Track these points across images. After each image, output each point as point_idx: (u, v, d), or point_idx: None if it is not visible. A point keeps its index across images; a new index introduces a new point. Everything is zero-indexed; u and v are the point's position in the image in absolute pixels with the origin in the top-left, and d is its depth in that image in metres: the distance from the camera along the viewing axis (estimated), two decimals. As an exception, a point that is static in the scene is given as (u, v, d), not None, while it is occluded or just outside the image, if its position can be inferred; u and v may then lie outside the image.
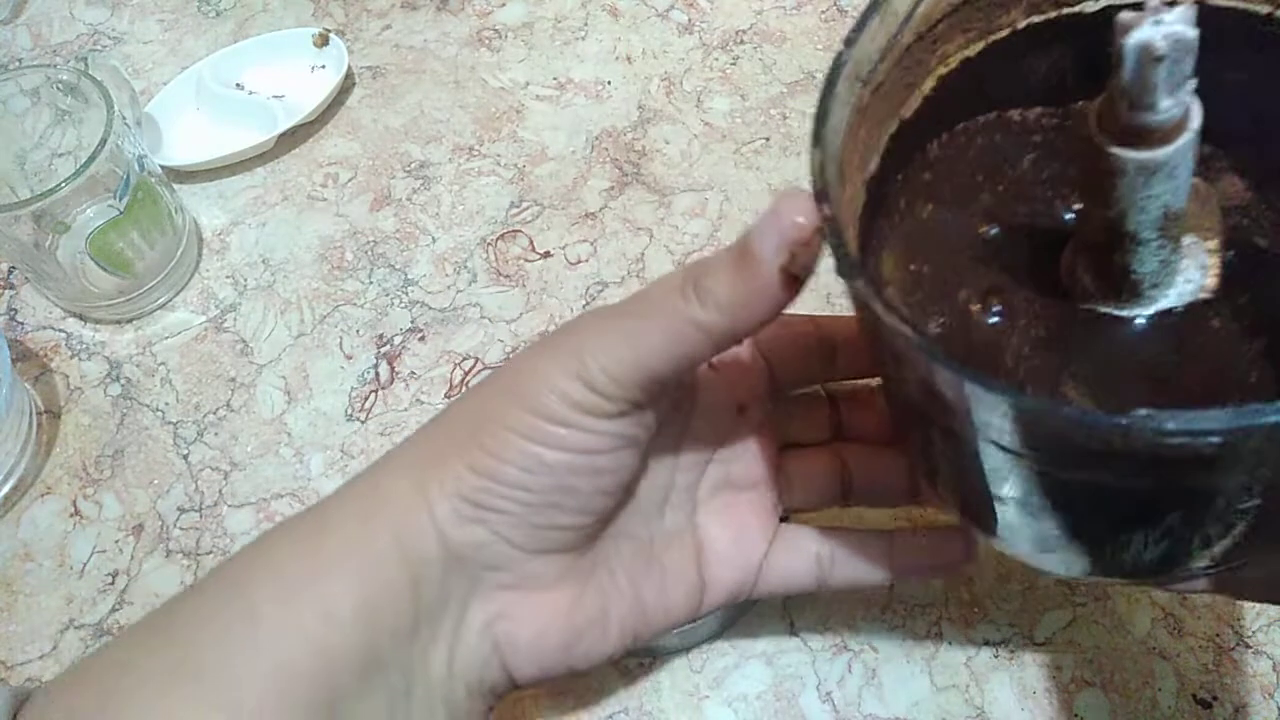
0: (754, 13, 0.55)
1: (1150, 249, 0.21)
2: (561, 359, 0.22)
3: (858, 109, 0.22)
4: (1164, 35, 0.17)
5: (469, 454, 0.23)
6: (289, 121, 0.50)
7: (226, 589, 0.23)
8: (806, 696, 0.35)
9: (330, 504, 0.24)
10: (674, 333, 0.22)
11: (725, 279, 0.21)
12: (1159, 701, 0.35)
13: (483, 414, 0.23)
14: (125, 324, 0.46)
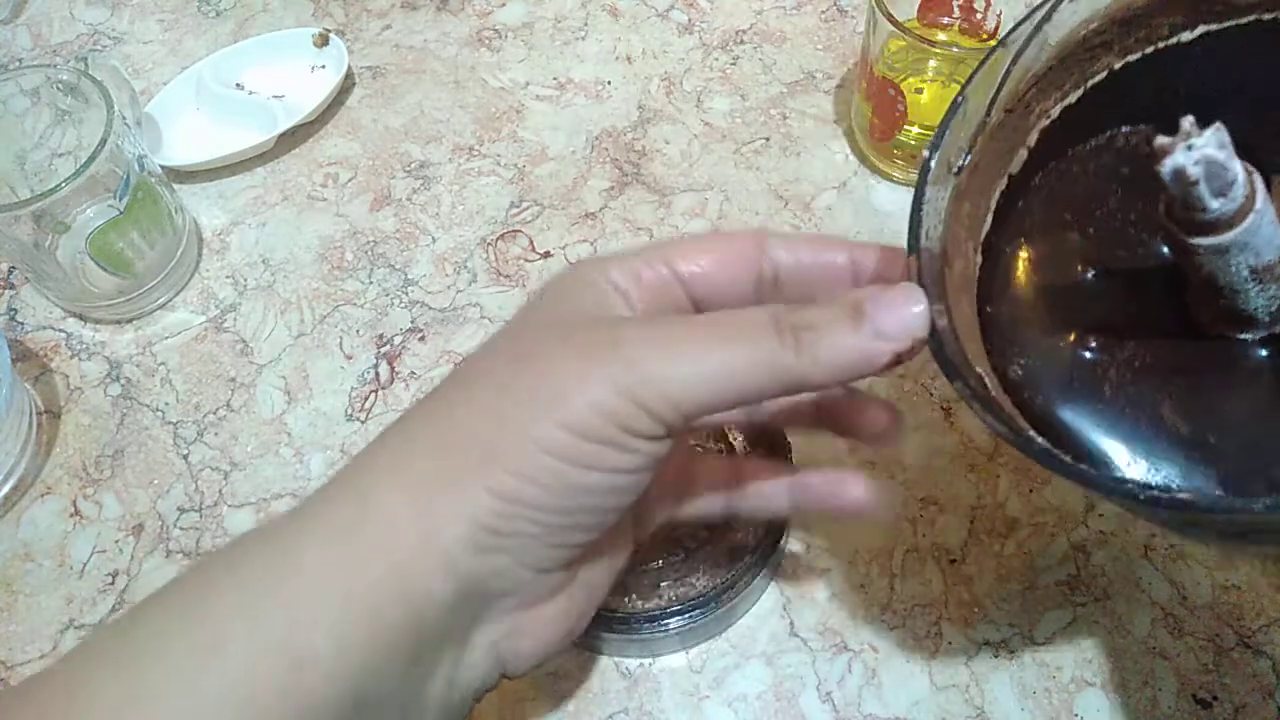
0: (754, 13, 0.55)
1: (1251, 294, 0.22)
2: (611, 371, 0.20)
3: (956, 194, 0.24)
4: (1195, 160, 0.18)
5: (488, 474, 0.20)
6: (289, 121, 0.50)
7: (192, 606, 0.20)
8: (806, 696, 0.35)
9: (308, 517, 0.21)
10: (760, 372, 0.21)
11: (835, 340, 0.21)
12: (1159, 701, 0.35)
13: (501, 425, 0.21)
14: (125, 324, 0.46)
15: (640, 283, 0.24)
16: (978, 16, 0.47)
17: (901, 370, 0.42)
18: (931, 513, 0.39)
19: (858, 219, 0.47)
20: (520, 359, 0.22)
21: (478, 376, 0.22)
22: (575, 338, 0.22)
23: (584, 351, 0.21)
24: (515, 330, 0.24)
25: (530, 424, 0.20)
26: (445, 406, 0.22)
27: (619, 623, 0.34)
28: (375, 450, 0.22)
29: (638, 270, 0.24)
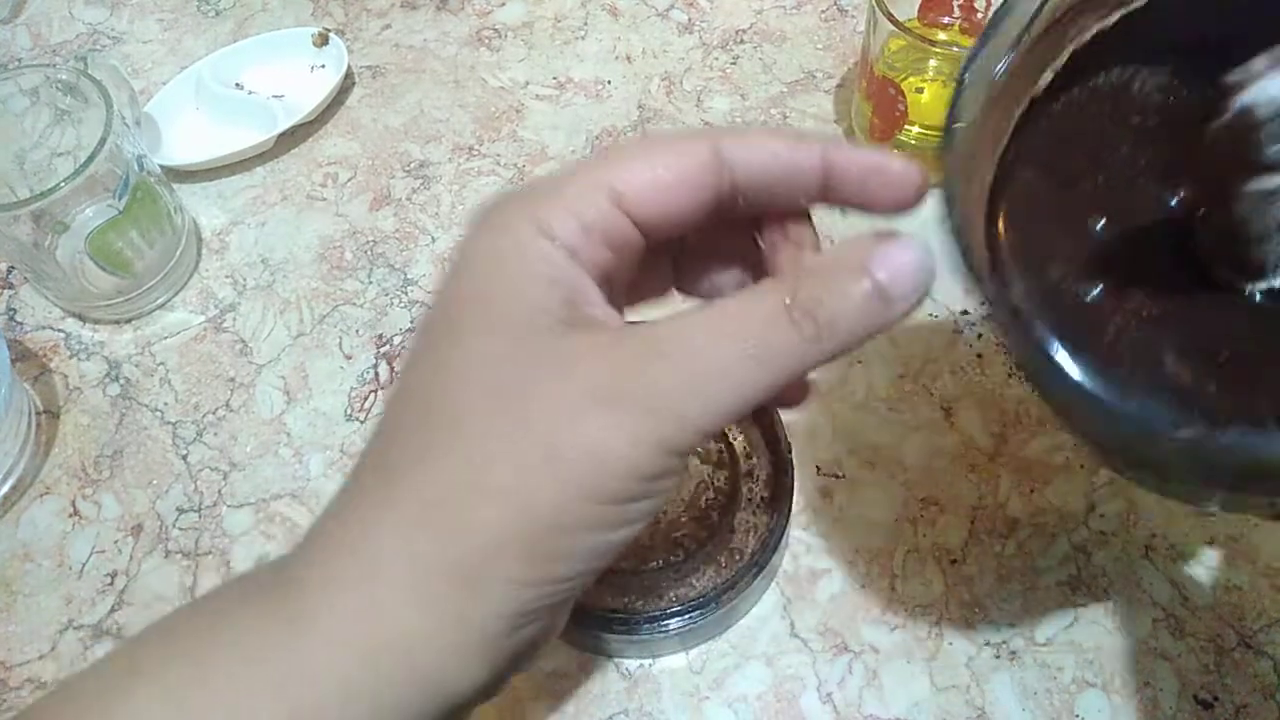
0: (754, 12, 0.55)
1: (1275, 243, 0.22)
2: (639, 424, 0.18)
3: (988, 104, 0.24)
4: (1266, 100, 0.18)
5: (514, 568, 0.18)
6: (288, 121, 0.49)
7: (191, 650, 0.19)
8: (807, 697, 0.35)
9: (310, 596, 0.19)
10: (784, 373, 0.19)
11: (851, 315, 0.19)
12: (1160, 702, 0.35)
13: (524, 510, 0.18)
14: (124, 324, 0.46)
15: (585, 229, 0.20)
16: (978, 16, 0.47)
17: (902, 371, 0.42)
18: (932, 513, 0.39)
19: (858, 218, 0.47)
20: (517, 410, 0.19)
21: (460, 421, 0.19)
22: (579, 378, 0.19)
23: (599, 405, 0.18)
24: (472, 343, 0.20)
25: (560, 508, 0.18)
26: (442, 464, 0.19)
27: (619, 623, 0.34)
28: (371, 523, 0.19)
29: (578, 212, 0.20)
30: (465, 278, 0.20)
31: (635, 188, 0.20)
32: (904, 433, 0.41)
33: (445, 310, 0.21)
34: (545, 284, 0.20)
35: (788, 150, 0.21)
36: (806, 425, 0.41)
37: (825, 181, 0.21)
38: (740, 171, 0.21)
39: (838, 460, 0.40)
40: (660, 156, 0.21)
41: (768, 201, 0.22)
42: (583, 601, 0.35)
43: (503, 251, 0.20)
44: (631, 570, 0.35)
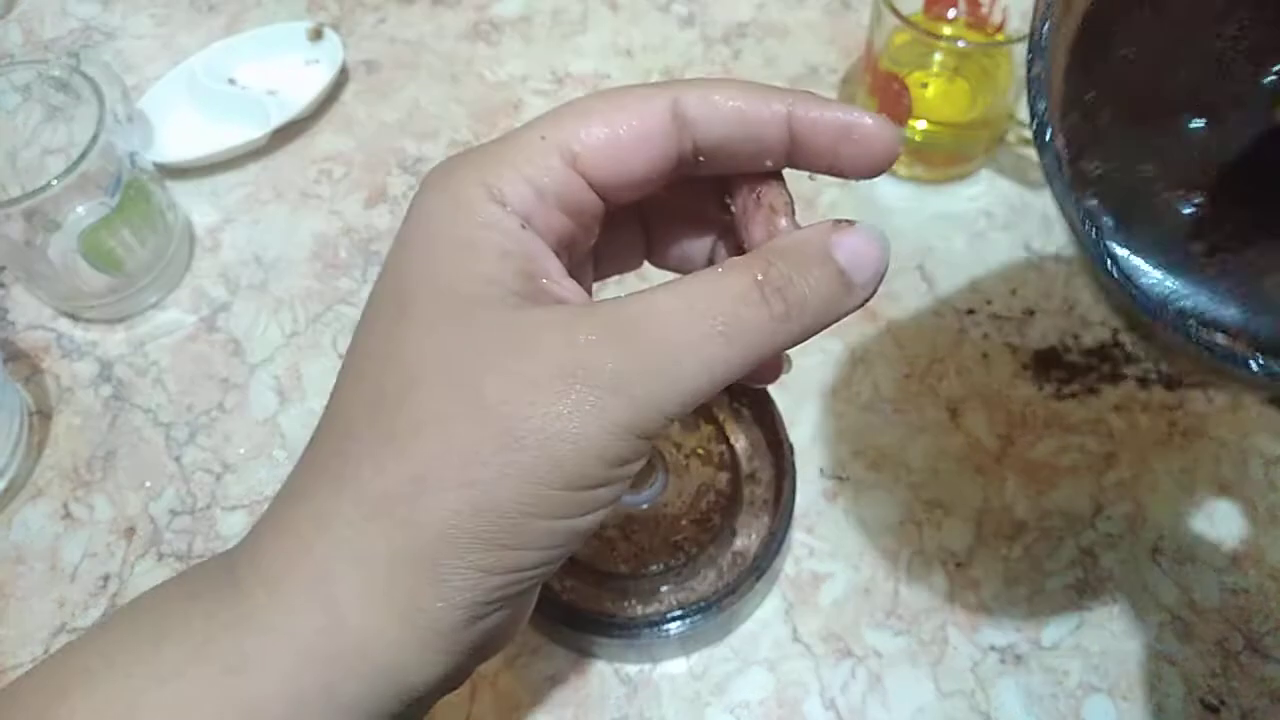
0: (756, 6, 0.54)
1: None
2: (602, 407, 0.17)
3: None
4: None
5: (473, 557, 0.18)
6: (282, 117, 0.49)
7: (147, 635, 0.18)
8: (810, 703, 0.35)
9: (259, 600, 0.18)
10: (755, 355, 0.19)
11: (821, 299, 0.19)
12: (1166, 706, 0.35)
13: (482, 498, 0.17)
14: (116, 323, 0.45)
15: (538, 193, 0.19)
16: (983, 10, 0.46)
17: (907, 371, 0.42)
18: (937, 516, 0.38)
19: (861, 215, 0.46)
20: (471, 393, 0.18)
21: (412, 407, 0.18)
22: (538, 357, 0.18)
23: (560, 386, 0.17)
24: (421, 321, 0.19)
25: (523, 496, 0.17)
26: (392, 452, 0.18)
27: (619, 628, 0.33)
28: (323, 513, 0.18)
29: (530, 175, 0.19)
30: (413, 249, 0.19)
31: (590, 147, 0.19)
32: (909, 434, 0.40)
33: (393, 285, 0.19)
34: (497, 255, 0.19)
35: (750, 106, 0.20)
36: (810, 427, 0.41)
37: (792, 143, 0.20)
38: (701, 130, 0.20)
39: (841, 462, 0.40)
40: (616, 114, 0.19)
41: (731, 164, 0.21)
42: (582, 605, 0.34)
43: (451, 220, 0.19)
44: (631, 574, 0.35)
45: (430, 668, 0.18)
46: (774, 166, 0.21)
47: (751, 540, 0.36)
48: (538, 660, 0.36)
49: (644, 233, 0.24)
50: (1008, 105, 0.44)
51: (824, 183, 0.48)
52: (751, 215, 0.21)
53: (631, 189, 0.20)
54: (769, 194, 0.21)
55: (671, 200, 0.23)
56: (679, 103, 0.19)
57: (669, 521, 0.36)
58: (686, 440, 0.37)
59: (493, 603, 0.18)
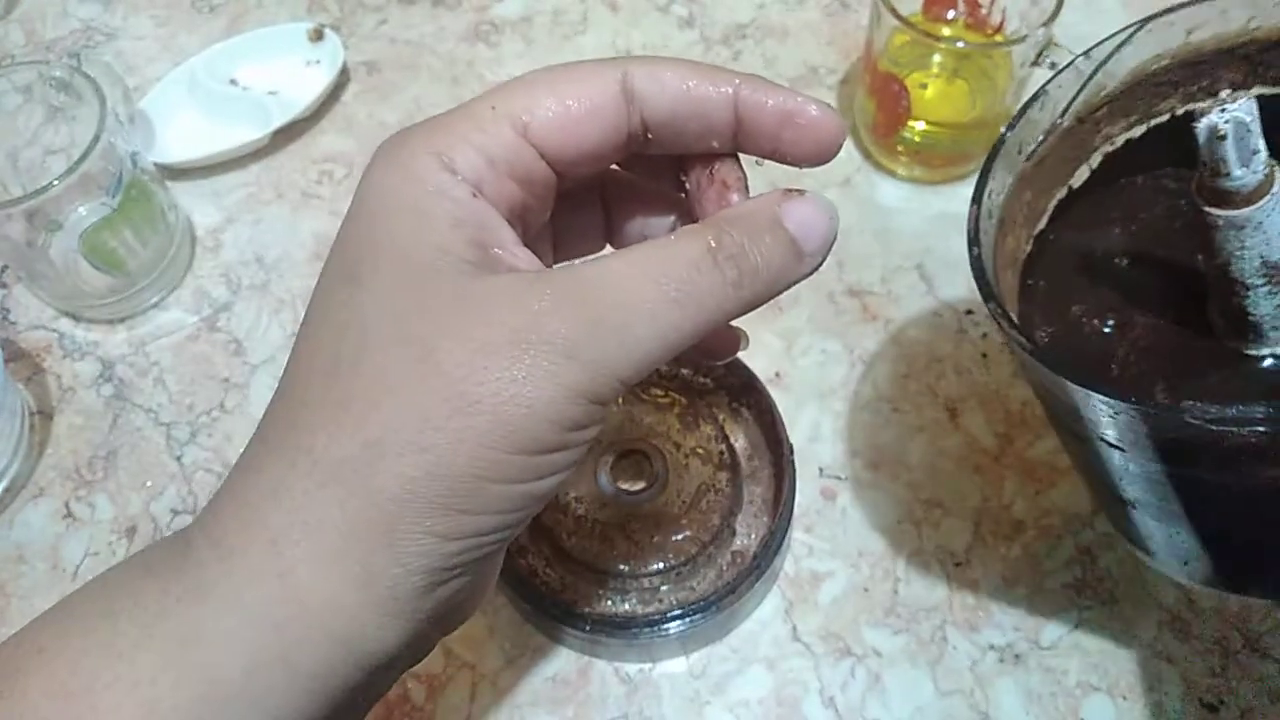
0: (756, 6, 0.54)
1: (1261, 294, 0.24)
2: (556, 371, 0.17)
3: (1020, 177, 0.27)
4: (1227, 120, 0.21)
5: (428, 522, 0.18)
6: (283, 118, 0.49)
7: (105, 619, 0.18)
8: (809, 702, 0.35)
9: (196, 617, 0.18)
10: (709, 320, 0.19)
11: (774, 267, 0.19)
12: (1165, 706, 0.35)
13: (437, 464, 0.17)
14: (118, 323, 0.45)
15: (489, 161, 0.19)
16: (983, 11, 0.46)
17: (905, 371, 0.42)
18: (936, 515, 0.39)
19: (861, 215, 0.46)
20: (425, 358, 0.18)
21: (367, 374, 0.18)
22: (492, 323, 0.18)
23: (514, 350, 0.17)
24: (373, 290, 0.18)
25: (476, 459, 0.17)
26: (347, 419, 0.18)
27: (619, 627, 0.33)
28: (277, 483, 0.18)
29: (480, 144, 0.19)
30: (364, 218, 0.19)
31: (540, 118, 0.19)
32: (908, 434, 0.40)
33: (345, 253, 0.19)
34: (449, 223, 0.19)
35: (697, 85, 0.20)
36: (809, 426, 0.41)
37: (738, 125, 0.20)
38: (649, 106, 0.20)
39: (841, 462, 0.40)
40: (566, 85, 0.20)
41: (680, 143, 0.21)
42: (582, 605, 0.34)
43: (401, 189, 0.19)
44: (631, 573, 0.35)
45: (389, 635, 0.18)
46: (720, 148, 0.21)
47: (751, 539, 0.36)
48: (538, 659, 0.36)
49: (605, 215, 0.24)
50: (1006, 106, 0.44)
51: (823, 182, 0.48)
52: (704, 191, 0.22)
53: (583, 162, 0.20)
54: (722, 170, 0.21)
55: (632, 183, 0.24)
56: (628, 76, 0.20)
57: (669, 521, 0.36)
58: (686, 440, 0.37)
59: (451, 569, 0.18)
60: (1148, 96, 0.28)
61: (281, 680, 0.18)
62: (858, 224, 0.46)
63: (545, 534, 0.36)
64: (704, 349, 0.24)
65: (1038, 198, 0.29)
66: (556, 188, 0.21)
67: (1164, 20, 0.27)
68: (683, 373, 0.39)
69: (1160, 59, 0.27)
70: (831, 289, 0.44)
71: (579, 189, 0.23)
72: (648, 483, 0.36)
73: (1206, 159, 0.22)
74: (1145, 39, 0.27)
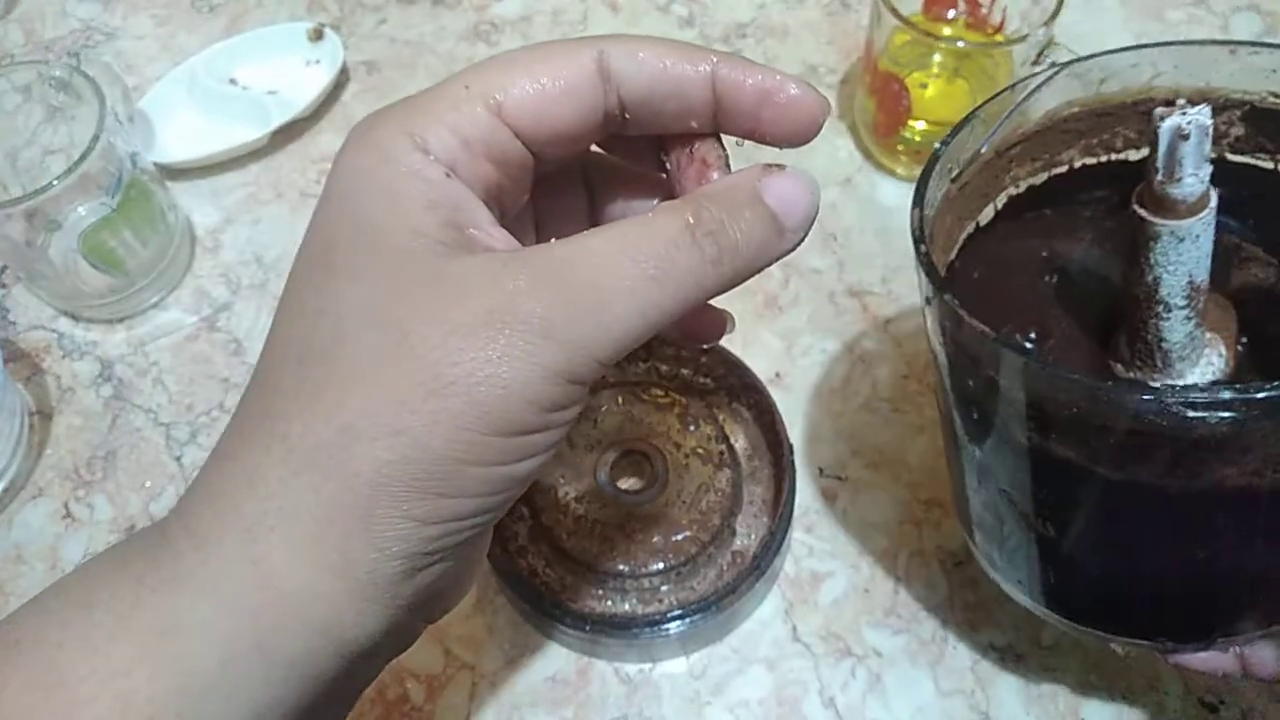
0: (756, 6, 0.54)
1: (1179, 317, 0.24)
2: (533, 351, 0.17)
3: (946, 199, 0.27)
4: (1189, 121, 0.21)
5: (406, 507, 0.17)
6: (283, 117, 0.49)
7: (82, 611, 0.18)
8: (809, 702, 0.35)
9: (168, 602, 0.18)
10: (687, 298, 0.18)
11: (754, 243, 0.19)
12: (1165, 706, 0.35)
13: (413, 447, 0.17)
14: (117, 323, 0.45)
15: (463, 142, 0.19)
16: (983, 11, 0.46)
17: (905, 371, 0.42)
18: (936, 515, 0.38)
19: (861, 215, 0.46)
20: (399, 341, 0.17)
21: (341, 360, 0.18)
22: (467, 304, 0.17)
23: (490, 331, 0.17)
24: (347, 272, 0.18)
25: (454, 441, 0.17)
26: (321, 405, 0.18)
27: (619, 627, 0.33)
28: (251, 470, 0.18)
29: (453, 123, 0.19)
30: (337, 201, 0.19)
31: (515, 97, 0.19)
32: (908, 433, 0.40)
33: (318, 238, 0.19)
34: (423, 204, 0.18)
35: (674, 63, 0.20)
36: (809, 427, 0.41)
37: (717, 104, 0.20)
38: (626, 85, 0.20)
39: (841, 462, 0.40)
40: (541, 64, 0.19)
41: (658, 123, 0.21)
42: (582, 605, 0.34)
43: (374, 171, 0.19)
44: (631, 573, 0.35)
45: (368, 622, 0.18)
46: (700, 127, 0.21)
47: (751, 540, 0.36)
48: (538, 660, 0.36)
49: (588, 198, 0.24)
50: (1007, 105, 0.44)
51: (824, 181, 0.48)
52: (684, 170, 0.21)
53: (560, 142, 0.20)
54: (702, 149, 0.21)
55: (614, 165, 0.24)
56: (604, 55, 0.19)
57: (669, 521, 0.36)
58: (686, 440, 0.37)
59: (431, 554, 0.18)
60: (1054, 143, 0.29)
61: (259, 669, 0.18)
62: (858, 224, 0.46)
63: (545, 534, 0.36)
64: (689, 331, 0.24)
65: (954, 226, 0.29)
66: (534, 169, 0.21)
67: (1082, 66, 0.27)
68: (683, 373, 0.39)
69: (1071, 105, 0.28)
70: (831, 289, 0.44)
71: (561, 171, 0.23)
72: (648, 483, 0.36)
73: (1163, 162, 0.22)
74: (1062, 83, 0.27)
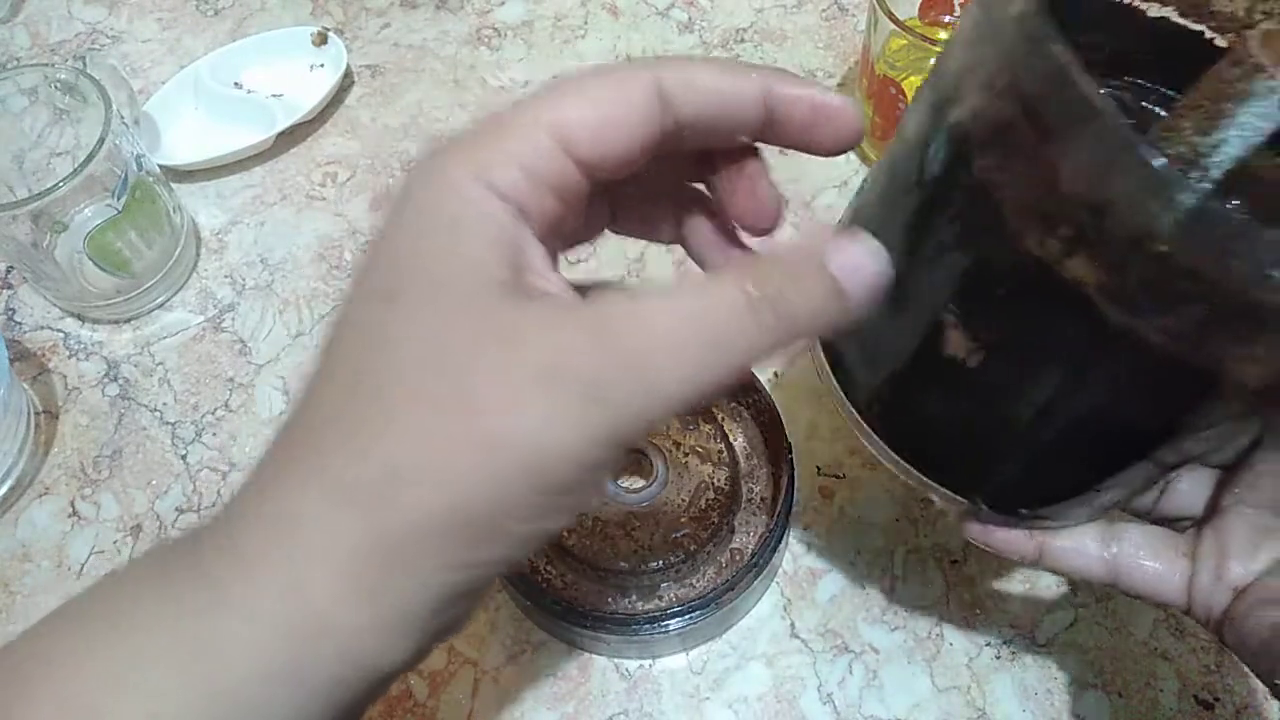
0: (754, 11, 0.55)
1: None
2: (586, 415, 0.17)
3: None
4: None
5: (445, 553, 0.18)
6: (287, 120, 0.49)
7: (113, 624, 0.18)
8: (807, 698, 0.35)
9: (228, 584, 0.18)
10: (745, 359, 0.19)
11: (814, 310, 0.19)
12: (1161, 702, 0.35)
13: (458, 496, 0.17)
14: (123, 324, 0.46)
15: (530, 178, 0.19)
16: (979, 15, 0.46)
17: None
18: (933, 513, 0.39)
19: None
20: (455, 391, 0.17)
21: (393, 398, 0.18)
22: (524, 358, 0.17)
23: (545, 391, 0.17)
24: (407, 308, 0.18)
25: (494, 493, 0.17)
26: (370, 443, 0.18)
27: (619, 624, 0.34)
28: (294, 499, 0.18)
29: (523, 158, 0.19)
30: (402, 232, 0.19)
31: (579, 126, 0.19)
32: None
33: (380, 267, 0.19)
34: (489, 245, 0.18)
35: (730, 86, 0.20)
36: (807, 425, 0.41)
37: (768, 119, 0.21)
38: (685, 109, 0.20)
39: (838, 460, 0.40)
40: (602, 92, 0.19)
41: (707, 141, 0.21)
42: (583, 602, 0.35)
43: (443, 206, 0.19)
44: (632, 571, 0.35)
45: (395, 653, 0.19)
46: (748, 141, 0.22)
47: (750, 537, 0.36)
48: (539, 656, 0.36)
49: (608, 201, 0.24)
50: (1003, 109, 0.44)
51: (821, 185, 0.48)
52: (734, 184, 0.22)
53: (616, 166, 0.20)
54: (750, 166, 0.22)
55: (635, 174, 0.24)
56: (662, 82, 0.20)
57: (669, 519, 0.36)
58: (686, 438, 0.38)
59: (461, 594, 0.19)
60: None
61: (290, 695, 0.18)
62: (856, 226, 0.46)
63: (546, 532, 0.36)
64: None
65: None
66: (588, 195, 0.21)
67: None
68: (682, 372, 0.40)
69: None
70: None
71: None
72: (647, 481, 0.37)
73: None
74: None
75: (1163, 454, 0.24)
